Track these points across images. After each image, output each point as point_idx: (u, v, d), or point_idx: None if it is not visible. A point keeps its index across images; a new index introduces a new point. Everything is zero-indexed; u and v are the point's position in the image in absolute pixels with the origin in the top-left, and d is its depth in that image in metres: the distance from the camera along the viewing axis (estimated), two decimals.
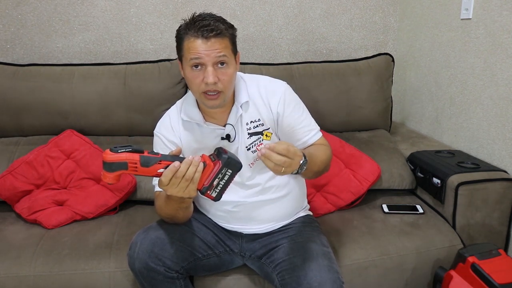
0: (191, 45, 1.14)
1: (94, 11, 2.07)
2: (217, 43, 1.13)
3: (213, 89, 1.15)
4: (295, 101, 1.30)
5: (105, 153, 0.99)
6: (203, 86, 1.15)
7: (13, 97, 1.79)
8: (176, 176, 1.01)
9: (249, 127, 1.27)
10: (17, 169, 1.64)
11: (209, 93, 1.16)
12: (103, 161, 0.99)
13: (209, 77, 1.13)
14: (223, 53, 1.14)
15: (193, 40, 1.13)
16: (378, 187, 1.75)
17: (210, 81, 1.13)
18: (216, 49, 1.13)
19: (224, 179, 1.06)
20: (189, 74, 1.17)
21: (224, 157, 1.04)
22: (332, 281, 1.12)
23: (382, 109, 2.02)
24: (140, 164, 1.00)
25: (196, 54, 1.13)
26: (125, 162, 0.99)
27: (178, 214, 1.22)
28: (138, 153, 1.00)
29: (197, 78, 1.15)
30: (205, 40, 1.12)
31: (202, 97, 1.18)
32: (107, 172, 0.99)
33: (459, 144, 1.85)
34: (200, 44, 1.13)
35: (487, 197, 1.51)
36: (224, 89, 1.17)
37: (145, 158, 1.00)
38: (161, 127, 1.31)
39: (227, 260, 1.35)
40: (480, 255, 1.29)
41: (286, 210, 1.35)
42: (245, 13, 2.16)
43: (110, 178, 1.00)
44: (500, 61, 1.59)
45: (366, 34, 2.27)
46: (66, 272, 1.34)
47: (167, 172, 1.01)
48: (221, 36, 1.14)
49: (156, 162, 1.01)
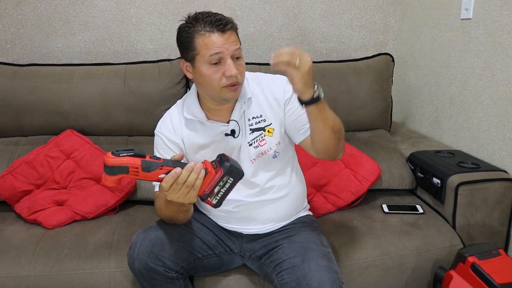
0: (207, 40, 1.12)
1: (94, 11, 2.07)
2: (232, 35, 1.14)
3: (235, 81, 1.15)
4: None
5: (106, 156, 0.98)
6: (224, 80, 1.14)
7: (13, 97, 1.79)
8: (177, 182, 1.01)
9: (251, 123, 1.27)
10: (17, 169, 1.64)
11: (233, 85, 1.15)
12: (104, 164, 0.98)
13: (232, 69, 1.12)
14: (238, 45, 1.16)
15: (209, 35, 1.12)
16: (378, 187, 1.75)
17: (234, 73, 1.13)
18: (233, 42, 1.14)
19: (225, 187, 1.06)
20: (208, 71, 1.15)
21: (226, 165, 1.03)
22: (331, 281, 1.12)
23: (382, 109, 2.02)
24: (142, 169, 0.99)
25: (216, 49, 1.12)
26: (127, 166, 0.98)
27: (178, 217, 1.22)
28: (140, 158, 0.99)
29: (216, 73, 1.14)
30: (222, 34, 1.12)
31: (223, 91, 1.16)
32: (108, 175, 0.99)
33: (459, 144, 1.85)
34: (218, 38, 1.12)
35: (487, 197, 1.51)
36: (241, 80, 1.18)
37: (147, 163, 1.00)
38: (162, 127, 1.31)
39: (227, 260, 1.35)
40: (480, 255, 1.29)
41: (286, 211, 1.35)
42: (245, 13, 2.16)
43: (111, 181, 1.00)
44: (500, 61, 1.59)
45: (366, 34, 2.27)
46: (66, 272, 1.34)
47: (168, 178, 1.01)
48: (233, 29, 1.16)
49: (157, 167, 1.00)
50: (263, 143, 1.27)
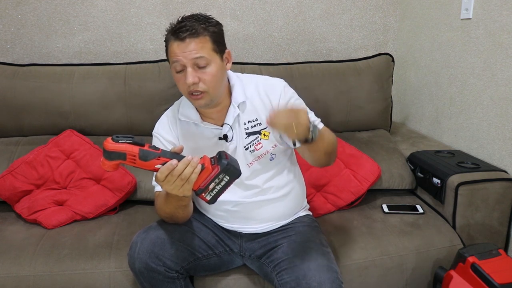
0: (170, 48, 1.16)
1: (94, 11, 2.07)
2: (192, 43, 1.13)
3: (195, 89, 1.16)
4: (295, 95, 1.32)
5: (106, 141, 1.00)
6: (186, 88, 1.17)
7: (13, 97, 1.79)
8: (172, 174, 1.02)
9: (246, 127, 1.27)
10: (17, 169, 1.64)
11: (194, 94, 1.17)
12: (103, 148, 1.00)
13: (188, 77, 1.14)
14: (200, 54, 1.14)
15: (172, 43, 1.16)
16: (378, 187, 1.75)
17: (189, 81, 1.14)
18: (192, 50, 1.13)
19: (221, 184, 1.06)
20: (175, 77, 1.20)
21: (223, 162, 1.03)
22: (331, 281, 1.12)
23: (382, 109, 2.02)
24: (139, 157, 1.00)
25: (175, 57, 1.15)
26: (124, 153, 0.99)
27: (178, 213, 1.22)
28: (138, 146, 1.01)
29: (180, 80, 1.17)
30: (180, 42, 1.14)
31: (189, 98, 1.21)
32: (106, 159, 1.00)
33: (459, 144, 1.85)
34: (177, 46, 1.14)
35: (487, 197, 1.51)
36: (208, 89, 1.17)
37: (144, 152, 1.01)
38: (159, 127, 1.32)
39: (227, 260, 1.35)
40: (480, 255, 1.29)
41: (286, 210, 1.35)
42: (245, 13, 2.16)
43: (108, 166, 1.01)
44: (500, 61, 1.59)
45: (366, 34, 2.27)
46: (66, 272, 1.34)
47: (163, 169, 1.02)
48: (196, 35, 1.14)
49: (154, 157, 1.01)
50: (259, 147, 1.27)
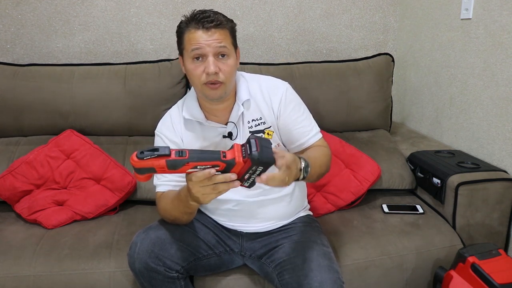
0: (191, 36, 1.15)
1: (94, 11, 2.07)
2: (217, 33, 1.15)
3: (215, 79, 1.16)
4: (296, 101, 1.30)
5: (131, 159, 0.97)
6: (204, 77, 1.16)
7: (13, 97, 1.79)
8: (210, 179, 0.98)
9: (250, 125, 1.27)
10: (17, 169, 1.64)
11: (212, 83, 1.16)
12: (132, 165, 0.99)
13: (210, 66, 1.14)
14: (224, 43, 1.15)
15: (194, 31, 1.15)
16: (378, 187, 1.75)
17: (211, 70, 1.14)
18: (216, 39, 1.14)
19: (256, 173, 1.01)
20: (190, 65, 1.18)
21: (254, 155, 0.97)
22: (332, 281, 1.12)
23: (382, 109, 2.02)
24: (167, 168, 0.98)
25: (197, 45, 1.14)
26: (153, 167, 0.97)
27: (182, 218, 1.22)
28: (164, 157, 0.97)
29: (198, 69, 1.16)
30: (206, 31, 1.14)
31: (204, 88, 1.18)
32: (137, 174, 0.99)
33: (459, 144, 1.85)
34: (201, 35, 1.14)
35: (487, 197, 1.51)
36: (225, 80, 1.17)
37: (171, 162, 0.97)
38: (162, 126, 1.31)
39: (227, 260, 1.35)
40: (480, 255, 1.29)
41: (287, 210, 1.35)
42: (245, 13, 2.16)
43: (142, 179, 1.01)
44: (500, 61, 1.59)
45: (366, 34, 2.27)
46: (66, 272, 1.34)
47: (200, 175, 0.97)
48: (221, 27, 1.16)
49: (183, 164, 0.98)
50: None
